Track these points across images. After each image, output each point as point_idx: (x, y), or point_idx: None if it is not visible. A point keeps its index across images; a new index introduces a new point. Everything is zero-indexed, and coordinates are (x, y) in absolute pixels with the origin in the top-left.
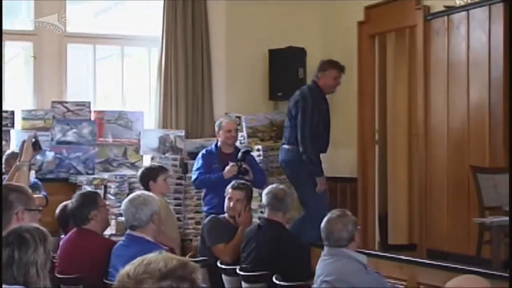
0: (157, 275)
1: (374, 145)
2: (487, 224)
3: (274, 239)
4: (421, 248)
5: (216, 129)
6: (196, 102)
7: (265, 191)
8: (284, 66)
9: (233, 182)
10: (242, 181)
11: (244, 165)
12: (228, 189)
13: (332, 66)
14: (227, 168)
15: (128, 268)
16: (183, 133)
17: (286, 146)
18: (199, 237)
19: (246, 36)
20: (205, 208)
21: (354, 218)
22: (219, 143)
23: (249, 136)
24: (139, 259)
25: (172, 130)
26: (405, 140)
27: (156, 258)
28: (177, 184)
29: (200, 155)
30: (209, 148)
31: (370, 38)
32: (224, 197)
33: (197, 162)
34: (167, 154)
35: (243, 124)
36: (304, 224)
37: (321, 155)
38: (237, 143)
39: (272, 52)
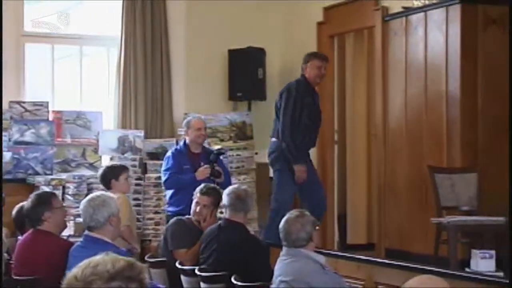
0: (105, 276)
1: (333, 145)
2: (444, 223)
3: (235, 241)
4: (380, 247)
5: (184, 128)
6: (155, 102)
7: (226, 192)
8: (244, 66)
9: (201, 186)
10: (212, 186)
11: (217, 167)
12: (197, 193)
13: (313, 56)
14: (200, 169)
15: (76, 270)
16: (142, 134)
17: (271, 139)
18: (159, 238)
19: (206, 36)
20: (171, 209)
21: (312, 219)
22: (187, 142)
23: (208, 136)
24: (86, 261)
25: (131, 130)
26: (364, 140)
27: (103, 259)
28: (136, 185)
29: (169, 154)
30: (177, 147)
31: (329, 39)
32: (187, 199)
33: (167, 162)
34: (126, 155)
35: None
36: (269, 221)
37: None
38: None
39: (231, 52)
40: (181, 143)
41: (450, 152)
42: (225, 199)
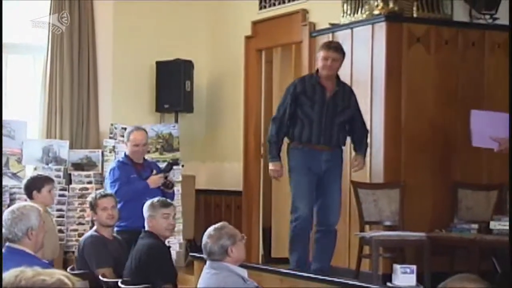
0: None
1: (259, 159)
2: (367, 238)
3: (140, 248)
4: None
5: (125, 139)
6: (81, 112)
7: (147, 203)
8: (171, 78)
9: (96, 194)
10: (104, 191)
11: (169, 178)
12: (99, 199)
13: (321, 47)
14: (154, 177)
15: None
16: (67, 144)
17: None
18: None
19: (133, 48)
20: (123, 224)
21: (230, 232)
22: (127, 153)
23: None
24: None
25: (56, 140)
26: None
27: (9, 274)
28: (60, 196)
29: (114, 165)
30: (120, 159)
31: (257, 53)
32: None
33: (113, 174)
34: (50, 165)
35: None
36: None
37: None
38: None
39: (159, 64)
40: (123, 154)
41: (374, 168)
42: (145, 211)
